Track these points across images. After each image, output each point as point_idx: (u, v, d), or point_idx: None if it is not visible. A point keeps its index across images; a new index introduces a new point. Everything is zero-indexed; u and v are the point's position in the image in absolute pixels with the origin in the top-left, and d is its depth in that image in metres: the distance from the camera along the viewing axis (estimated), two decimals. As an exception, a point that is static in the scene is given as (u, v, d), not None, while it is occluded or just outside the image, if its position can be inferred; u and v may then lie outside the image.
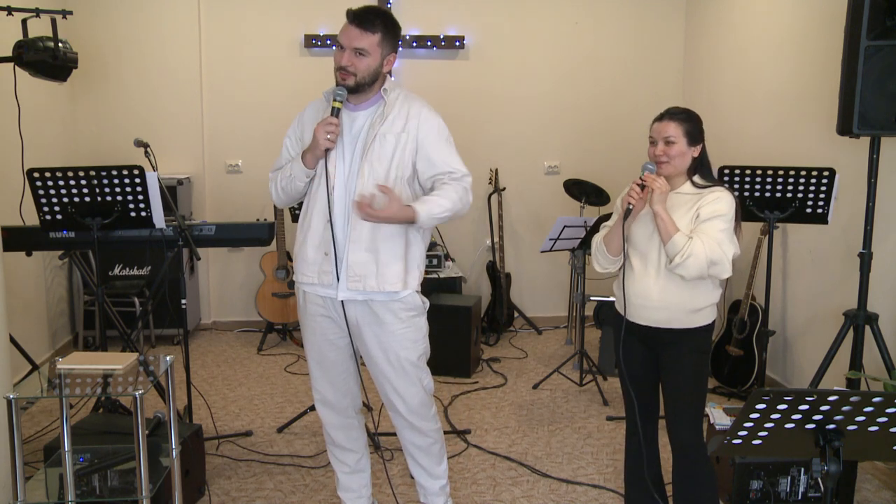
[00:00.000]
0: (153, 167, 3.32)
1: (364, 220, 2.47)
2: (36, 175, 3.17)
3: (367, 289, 2.56)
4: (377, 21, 2.49)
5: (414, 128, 2.56)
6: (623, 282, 2.57)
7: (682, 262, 2.42)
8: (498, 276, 5.55)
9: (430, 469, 2.88)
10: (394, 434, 3.68)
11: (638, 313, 2.58)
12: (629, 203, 2.50)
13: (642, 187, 2.50)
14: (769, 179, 3.54)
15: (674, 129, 2.52)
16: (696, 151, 2.56)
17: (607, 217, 4.18)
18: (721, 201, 2.48)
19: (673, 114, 2.56)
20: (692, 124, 2.55)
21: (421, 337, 2.70)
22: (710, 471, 2.61)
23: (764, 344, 4.06)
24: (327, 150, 2.52)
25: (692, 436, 2.59)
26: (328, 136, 2.48)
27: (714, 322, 2.62)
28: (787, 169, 3.51)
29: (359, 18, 2.47)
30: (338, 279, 2.56)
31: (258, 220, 3.88)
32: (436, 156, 2.58)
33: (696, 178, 2.58)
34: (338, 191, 2.56)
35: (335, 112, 2.49)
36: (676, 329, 2.55)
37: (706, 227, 2.45)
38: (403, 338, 2.65)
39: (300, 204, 2.73)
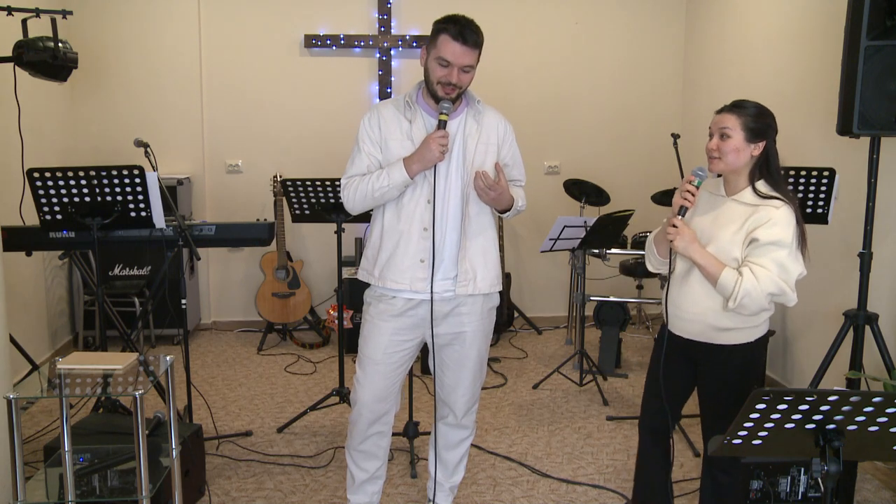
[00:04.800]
0: (153, 167, 3.32)
1: (478, 194, 2.60)
2: (36, 175, 3.17)
3: (476, 292, 2.68)
4: (479, 38, 2.54)
5: (501, 136, 2.71)
6: (666, 291, 2.45)
7: (736, 306, 2.26)
8: (498, 276, 5.54)
9: (452, 466, 2.96)
10: (394, 434, 3.69)
11: (673, 323, 2.48)
12: (682, 205, 2.34)
13: (697, 186, 2.36)
14: (769, 179, 3.54)
15: (731, 122, 2.30)
16: (756, 150, 2.32)
17: (608, 217, 4.20)
18: (777, 225, 2.25)
19: (735, 105, 2.33)
20: (754, 118, 2.30)
21: (492, 329, 2.86)
22: (737, 483, 2.59)
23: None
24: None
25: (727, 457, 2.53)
26: (442, 150, 2.52)
27: (756, 341, 2.45)
28: (787, 169, 3.50)
29: (464, 37, 2.49)
30: (431, 283, 2.62)
31: (258, 220, 3.88)
32: (513, 165, 2.78)
33: (760, 186, 2.35)
34: (438, 198, 2.61)
35: (443, 125, 2.53)
36: (714, 345, 2.43)
37: (764, 260, 2.25)
38: (485, 329, 2.79)
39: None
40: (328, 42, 5.44)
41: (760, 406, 1.69)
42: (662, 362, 2.51)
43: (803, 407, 1.69)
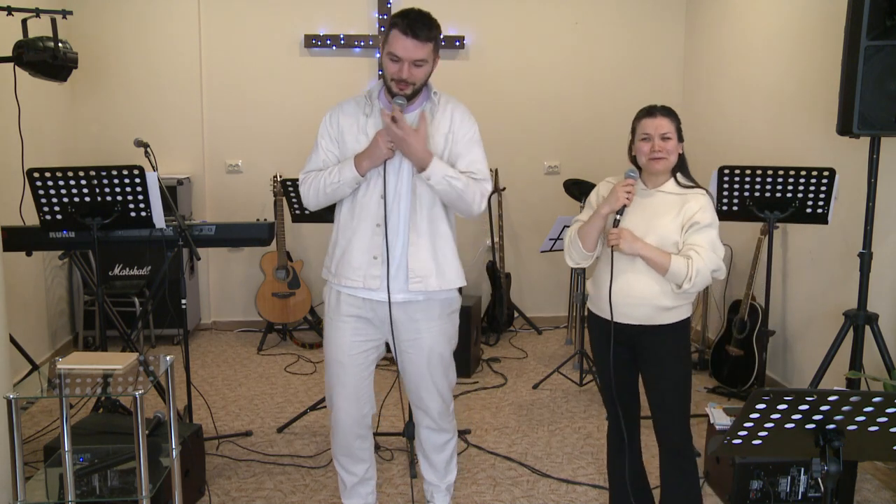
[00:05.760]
0: (153, 167, 3.32)
1: (390, 137, 2.47)
2: (36, 175, 3.17)
3: (428, 289, 2.61)
4: (431, 31, 2.47)
5: (457, 124, 2.62)
6: (611, 282, 2.52)
7: (691, 286, 2.44)
8: (498, 276, 5.55)
9: (442, 467, 2.94)
10: (394, 434, 3.70)
11: (620, 311, 2.54)
12: (625, 204, 2.48)
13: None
14: (769, 179, 3.54)
15: (669, 126, 2.52)
16: (680, 149, 2.56)
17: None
18: (707, 210, 2.50)
19: (664, 110, 2.56)
20: (679, 121, 2.57)
21: (455, 332, 2.79)
22: (695, 468, 2.63)
23: (764, 344, 4.06)
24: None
25: (680, 434, 2.60)
26: (391, 147, 2.49)
27: (688, 318, 2.60)
28: (787, 169, 3.51)
29: (414, 30, 2.42)
30: (387, 281, 2.58)
31: (258, 220, 3.88)
32: (465, 153, 2.63)
33: (680, 177, 2.58)
34: (389, 195, 2.57)
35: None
36: (654, 325, 2.53)
37: (700, 240, 2.47)
38: (446, 333, 2.73)
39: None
40: (328, 42, 5.44)
41: (760, 406, 1.69)
42: (612, 359, 2.56)
43: (803, 407, 1.69)
